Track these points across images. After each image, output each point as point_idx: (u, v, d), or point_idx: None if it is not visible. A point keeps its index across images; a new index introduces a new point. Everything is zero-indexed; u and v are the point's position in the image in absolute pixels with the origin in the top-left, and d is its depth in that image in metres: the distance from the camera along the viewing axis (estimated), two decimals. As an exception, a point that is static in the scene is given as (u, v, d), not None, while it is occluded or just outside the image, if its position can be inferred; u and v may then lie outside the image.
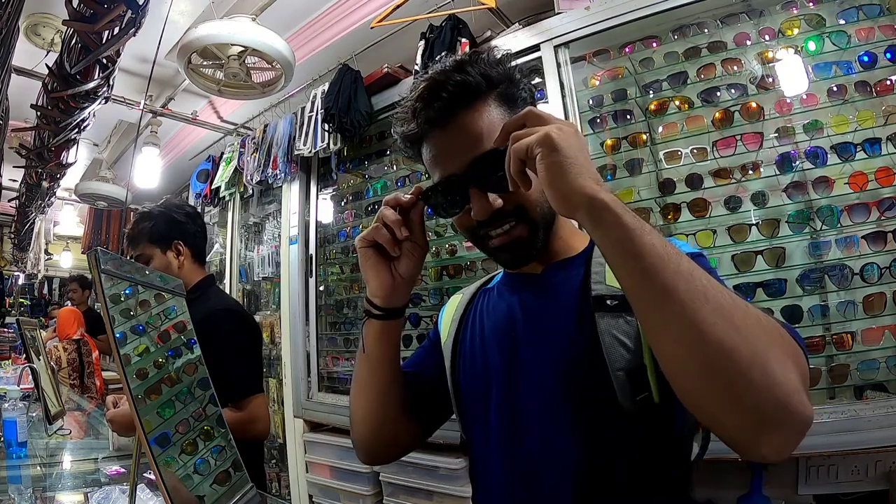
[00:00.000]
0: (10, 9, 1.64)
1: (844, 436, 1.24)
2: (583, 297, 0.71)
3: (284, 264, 2.75)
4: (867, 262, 1.36)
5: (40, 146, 2.67)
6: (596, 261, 0.73)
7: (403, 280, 0.75)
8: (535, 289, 0.78)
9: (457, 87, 0.70)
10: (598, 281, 0.71)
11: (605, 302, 0.68)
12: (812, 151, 1.45)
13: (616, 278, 0.55)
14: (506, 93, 0.73)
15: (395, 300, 0.76)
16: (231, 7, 2.35)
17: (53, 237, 6.84)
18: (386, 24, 2.14)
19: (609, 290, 0.69)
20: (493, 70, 0.72)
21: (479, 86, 0.70)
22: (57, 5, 1.98)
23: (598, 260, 0.73)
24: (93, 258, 0.75)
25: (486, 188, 0.69)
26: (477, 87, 0.70)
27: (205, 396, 0.88)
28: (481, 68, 0.71)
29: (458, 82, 0.70)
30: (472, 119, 0.70)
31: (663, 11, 1.60)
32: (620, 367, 0.65)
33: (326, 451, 2.30)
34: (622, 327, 0.66)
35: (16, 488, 1.17)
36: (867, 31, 1.43)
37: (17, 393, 2.13)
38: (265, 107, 3.05)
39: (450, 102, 0.70)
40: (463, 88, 0.70)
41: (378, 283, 0.75)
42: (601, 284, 0.70)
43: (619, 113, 1.71)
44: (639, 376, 0.64)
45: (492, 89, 0.72)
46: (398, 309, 0.78)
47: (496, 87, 0.72)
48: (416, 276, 0.77)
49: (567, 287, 0.74)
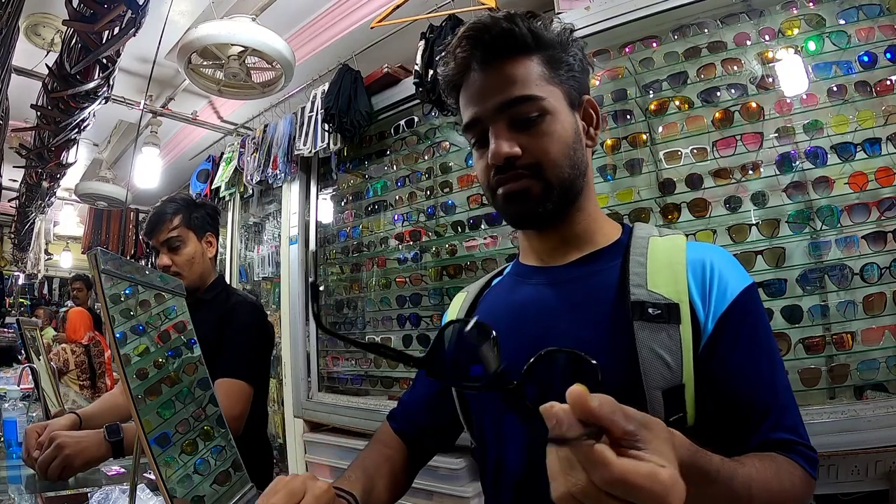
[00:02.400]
0: (10, 9, 1.64)
1: (844, 436, 1.24)
2: (619, 300, 0.65)
3: (284, 264, 2.75)
4: (867, 262, 1.36)
5: (40, 146, 2.67)
6: (636, 258, 0.67)
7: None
8: (557, 282, 0.72)
9: (501, 34, 0.67)
10: (639, 284, 0.64)
11: (647, 310, 0.62)
12: (812, 151, 1.45)
13: None
14: (553, 57, 0.70)
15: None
16: (231, 7, 2.35)
17: (53, 237, 6.84)
18: (386, 24, 2.14)
19: (651, 297, 0.63)
20: (545, 32, 0.69)
21: (525, 39, 0.68)
22: (57, 5, 1.98)
23: (637, 258, 0.67)
24: (93, 258, 0.74)
25: (507, 132, 0.67)
26: (522, 40, 0.68)
27: (205, 396, 0.88)
28: (532, 26, 0.69)
29: (505, 29, 0.67)
30: (511, 68, 0.68)
31: (663, 11, 1.60)
32: (657, 385, 0.59)
33: (326, 451, 2.30)
34: (664, 341, 0.60)
35: (16, 488, 1.17)
36: (867, 31, 1.43)
37: (17, 393, 2.13)
38: (265, 107, 3.05)
39: (491, 47, 0.68)
40: (507, 37, 0.67)
41: None
42: (642, 289, 0.64)
43: (619, 113, 1.71)
44: (676, 396, 0.59)
45: (539, 49, 0.69)
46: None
47: (544, 49, 0.69)
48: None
49: (600, 285, 0.68)
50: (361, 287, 2.51)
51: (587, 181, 0.73)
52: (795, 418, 0.63)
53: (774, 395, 0.62)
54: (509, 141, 0.67)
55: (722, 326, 0.62)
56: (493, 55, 0.68)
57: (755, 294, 0.66)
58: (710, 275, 0.65)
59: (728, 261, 0.68)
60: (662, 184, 1.63)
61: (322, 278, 2.63)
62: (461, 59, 0.70)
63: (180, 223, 1.46)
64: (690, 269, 0.65)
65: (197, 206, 1.53)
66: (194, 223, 1.49)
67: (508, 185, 0.69)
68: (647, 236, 0.71)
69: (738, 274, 0.66)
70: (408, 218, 2.30)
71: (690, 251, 0.67)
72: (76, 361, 3.68)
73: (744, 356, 0.62)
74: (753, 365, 0.62)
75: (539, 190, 0.68)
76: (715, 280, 0.64)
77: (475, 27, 0.69)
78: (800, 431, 0.62)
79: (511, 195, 0.69)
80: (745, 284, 0.65)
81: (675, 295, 0.63)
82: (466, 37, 0.69)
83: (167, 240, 1.44)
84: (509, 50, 0.68)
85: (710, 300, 0.63)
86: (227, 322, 1.41)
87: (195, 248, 1.48)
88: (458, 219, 2.10)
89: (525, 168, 0.68)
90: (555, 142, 0.68)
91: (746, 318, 0.64)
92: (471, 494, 1.77)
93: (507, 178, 0.68)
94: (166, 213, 1.46)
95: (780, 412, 0.61)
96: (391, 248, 2.34)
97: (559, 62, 0.70)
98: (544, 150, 0.67)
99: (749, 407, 0.61)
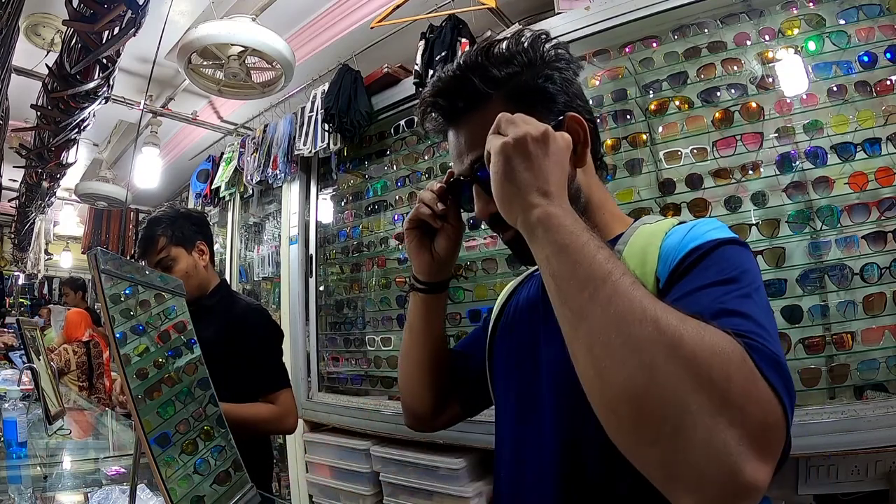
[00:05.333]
0: (10, 9, 1.64)
1: (844, 436, 1.24)
2: None
3: (284, 264, 2.75)
4: (867, 262, 1.36)
5: (40, 146, 2.67)
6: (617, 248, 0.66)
7: (442, 258, 0.82)
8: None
9: (455, 92, 0.69)
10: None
11: None
12: (812, 151, 1.45)
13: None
14: (520, 87, 0.67)
15: (435, 276, 0.83)
16: (231, 7, 2.35)
17: (53, 237, 6.84)
18: (386, 24, 2.14)
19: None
20: (503, 68, 0.67)
21: (478, 89, 0.67)
22: (57, 5, 1.98)
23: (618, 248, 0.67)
24: (93, 258, 0.74)
25: (487, 191, 0.64)
26: (475, 91, 0.68)
27: (205, 396, 0.88)
28: (486, 69, 0.67)
29: (455, 88, 0.69)
30: (475, 120, 0.68)
31: (663, 11, 1.60)
32: None
33: (326, 451, 2.30)
34: None
35: (16, 488, 1.17)
36: (867, 31, 1.43)
37: (17, 393, 2.13)
38: (265, 107, 3.05)
39: (450, 108, 0.71)
40: (459, 93, 0.69)
41: (420, 261, 0.83)
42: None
43: (619, 113, 1.71)
44: None
45: (499, 88, 0.68)
46: (439, 283, 0.84)
47: (504, 86, 0.68)
48: (454, 253, 0.83)
49: None
50: (361, 287, 2.51)
51: (589, 198, 0.71)
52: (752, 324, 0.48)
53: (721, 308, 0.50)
54: (487, 200, 0.65)
55: (673, 275, 0.57)
56: (455, 115, 0.71)
57: (727, 245, 0.57)
58: (682, 239, 0.60)
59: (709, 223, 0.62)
60: (662, 184, 1.63)
61: (322, 278, 2.63)
62: (433, 122, 0.74)
63: (167, 243, 1.48)
64: (665, 245, 0.61)
65: (182, 219, 1.53)
66: (181, 238, 1.51)
67: (504, 237, 0.71)
68: (639, 225, 0.70)
69: (712, 229, 0.60)
70: (408, 218, 2.30)
71: (672, 234, 0.63)
72: (77, 362, 3.67)
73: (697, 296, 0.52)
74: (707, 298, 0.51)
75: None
76: (684, 240, 0.60)
77: (432, 90, 0.72)
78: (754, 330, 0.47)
79: (508, 244, 0.72)
80: (714, 236, 0.58)
81: (642, 276, 0.59)
82: (428, 102, 0.72)
83: (158, 262, 1.48)
84: (467, 105, 0.69)
85: (671, 259, 0.59)
86: (239, 331, 1.44)
87: (187, 262, 1.50)
88: (458, 219, 2.09)
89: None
90: None
91: (709, 261, 0.55)
92: (471, 494, 1.77)
93: (498, 230, 0.71)
94: (153, 235, 1.49)
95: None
96: (391, 248, 2.34)
97: (527, 90, 0.67)
98: None
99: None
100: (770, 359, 0.43)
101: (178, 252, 1.49)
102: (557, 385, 0.68)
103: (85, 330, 3.95)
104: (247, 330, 1.45)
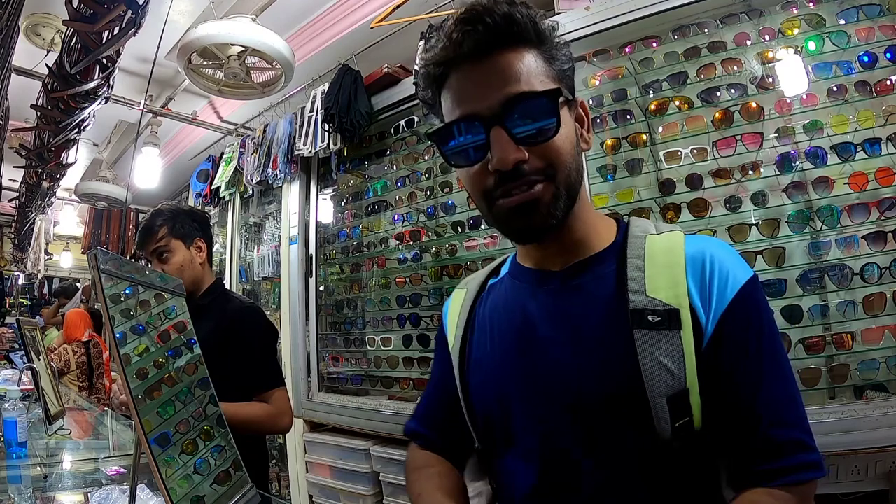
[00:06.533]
0: (10, 9, 1.64)
1: (844, 436, 1.24)
2: (618, 307, 0.62)
3: (284, 264, 2.75)
4: (867, 262, 1.36)
5: (40, 146, 2.67)
6: (633, 261, 0.64)
7: None
8: (556, 290, 0.68)
9: (503, 19, 0.60)
10: (637, 290, 0.62)
11: (647, 317, 0.60)
12: (812, 151, 1.45)
13: None
14: (550, 53, 0.64)
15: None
16: (231, 7, 2.35)
17: (53, 237, 6.83)
18: (386, 24, 2.14)
19: (650, 303, 0.61)
20: (548, 31, 0.64)
21: (527, 28, 0.62)
22: (57, 5, 1.98)
23: (635, 261, 0.64)
24: (93, 258, 0.75)
25: (514, 134, 0.60)
26: (524, 28, 0.61)
27: (205, 396, 0.88)
28: (537, 23, 0.63)
29: (506, 14, 0.60)
30: (513, 59, 0.61)
31: (663, 11, 1.60)
32: (661, 393, 0.58)
33: (326, 451, 2.30)
34: (665, 348, 0.59)
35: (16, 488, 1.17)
36: (867, 31, 1.43)
37: (17, 393, 2.13)
38: (265, 107, 3.05)
39: (492, 33, 0.60)
40: (509, 23, 0.60)
41: None
42: (640, 295, 0.61)
43: (619, 113, 1.71)
44: (681, 401, 0.58)
45: (539, 42, 0.63)
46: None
47: (542, 43, 0.64)
48: None
49: (597, 291, 0.65)
50: (361, 287, 2.51)
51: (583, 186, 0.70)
52: (797, 412, 0.60)
53: (776, 400, 0.60)
54: (516, 143, 0.60)
55: (722, 328, 0.60)
56: (493, 42, 0.61)
57: (756, 287, 0.63)
58: (710, 271, 0.62)
59: (727, 253, 0.65)
60: (662, 184, 1.63)
61: (322, 278, 2.63)
62: (456, 41, 0.61)
63: (167, 234, 1.50)
64: (690, 269, 0.62)
65: (184, 215, 1.56)
66: (181, 232, 1.52)
67: (518, 195, 0.61)
68: (643, 234, 0.67)
69: (738, 267, 0.63)
70: (408, 218, 2.30)
71: (689, 247, 0.64)
72: (77, 362, 3.67)
73: (746, 363, 0.60)
74: (755, 372, 0.60)
75: (550, 197, 0.62)
76: (715, 277, 0.62)
77: (469, 12, 0.61)
78: (802, 426, 0.60)
79: (521, 207, 0.62)
80: (746, 279, 0.62)
81: (675, 299, 0.61)
82: (463, 19, 0.61)
83: (155, 250, 1.49)
84: (512, 38, 0.61)
85: (710, 299, 0.61)
86: (233, 330, 1.44)
87: (184, 255, 1.51)
88: (458, 219, 2.10)
89: (536, 173, 0.61)
90: (565, 142, 0.62)
91: (750, 318, 0.61)
92: (471, 494, 1.76)
93: (516, 185, 0.61)
94: (153, 225, 1.51)
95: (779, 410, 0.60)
96: (391, 248, 2.34)
97: (555, 59, 0.65)
98: (556, 150, 0.61)
99: (749, 412, 0.59)
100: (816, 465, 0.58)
101: (176, 244, 1.50)
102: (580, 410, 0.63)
103: (84, 329, 3.95)
104: (240, 329, 1.45)
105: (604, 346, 0.62)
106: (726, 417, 0.60)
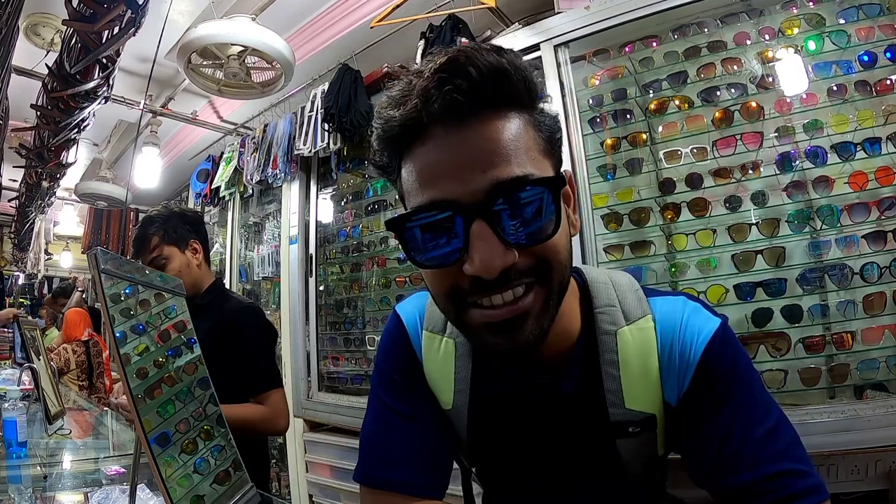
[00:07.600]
0: (10, 9, 1.64)
1: (844, 435, 1.25)
2: (597, 416, 0.61)
3: (284, 264, 2.75)
4: (867, 262, 1.36)
5: (40, 146, 2.67)
6: (607, 370, 0.60)
7: None
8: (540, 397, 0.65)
9: (490, 74, 0.47)
10: (616, 404, 0.60)
11: (627, 430, 0.61)
12: (812, 151, 1.45)
13: None
14: (539, 120, 0.52)
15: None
16: (231, 7, 2.35)
17: (53, 237, 6.84)
18: (386, 23, 2.14)
19: (629, 416, 0.60)
20: (535, 83, 0.52)
21: (518, 87, 0.50)
22: (57, 5, 1.98)
23: (609, 370, 0.60)
24: (93, 258, 0.75)
25: (503, 231, 0.47)
26: (516, 87, 0.49)
27: (205, 396, 0.88)
28: (525, 70, 0.50)
29: (494, 67, 0.47)
30: (500, 127, 0.48)
31: (663, 11, 1.60)
32: (636, 468, 0.65)
33: (326, 451, 2.30)
34: (643, 442, 0.63)
35: (16, 488, 1.17)
36: (867, 30, 1.43)
37: (17, 393, 2.13)
38: (265, 107, 3.05)
39: (475, 91, 0.47)
40: (498, 78, 0.48)
41: None
42: (619, 408, 0.60)
43: (618, 112, 1.71)
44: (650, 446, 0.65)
45: (532, 106, 0.52)
46: None
47: (533, 106, 0.52)
48: None
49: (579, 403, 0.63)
50: (361, 287, 2.51)
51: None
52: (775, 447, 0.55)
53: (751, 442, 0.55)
54: (505, 244, 0.47)
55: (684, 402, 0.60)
56: (476, 104, 0.47)
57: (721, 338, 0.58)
58: (679, 355, 0.59)
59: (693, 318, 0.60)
60: (662, 183, 1.63)
61: (322, 278, 2.63)
62: (428, 97, 0.47)
63: (160, 242, 1.49)
64: (664, 370, 0.60)
65: (175, 219, 1.54)
66: (174, 237, 1.51)
67: (502, 308, 0.49)
68: (613, 331, 0.60)
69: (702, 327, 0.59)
70: (408, 218, 2.29)
71: (661, 339, 0.60)
72: (77, 361, 3.67)
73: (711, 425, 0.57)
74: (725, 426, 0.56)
75: (540, 307, 0.50)
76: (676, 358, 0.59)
77: (452, 60, 0.47)
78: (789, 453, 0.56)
79: (506, 323, 0.50)
80: (708, 336, 0.58)
81: (653, 407, 0.61)
82: (441, 69, 0.47)
83: (151, 261, 1.48)
84: (499, 98, 0.48)
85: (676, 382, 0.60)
86: (231, 330, 1.44)
87: (180, 261, 1.51)
88: (457, 218, 2.09)
89: (526, 275, 0.49)
90: (562, 237, 0.51)
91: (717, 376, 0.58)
92: (471, 494, 1.77)
93: (500, 291, 0.49)
94: (145, 235, 1.50)
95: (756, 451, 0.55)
96: (391, 248, 2.34)
97: (544, 125, 0.53)
98: (553, 249, 0.50)
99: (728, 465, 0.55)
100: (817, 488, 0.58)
101: (171, 251, 1.50)
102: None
103: (84, 329, 3.95)
104: (238, 329, 1.44)
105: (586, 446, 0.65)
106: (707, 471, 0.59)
